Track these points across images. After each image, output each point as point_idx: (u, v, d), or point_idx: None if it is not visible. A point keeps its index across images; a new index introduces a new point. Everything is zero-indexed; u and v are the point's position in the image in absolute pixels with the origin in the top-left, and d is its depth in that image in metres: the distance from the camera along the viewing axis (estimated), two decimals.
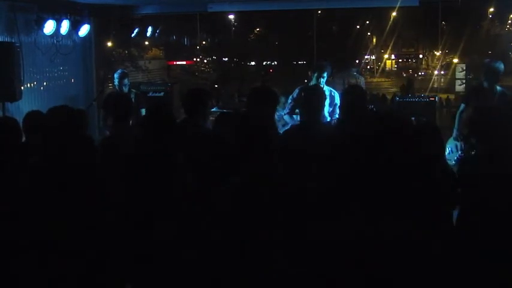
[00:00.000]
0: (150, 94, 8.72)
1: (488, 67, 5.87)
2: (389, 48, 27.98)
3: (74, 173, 2.98)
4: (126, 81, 7.18)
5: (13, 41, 6.69)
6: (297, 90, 5.63)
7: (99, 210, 2.89)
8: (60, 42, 7.89)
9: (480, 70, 6.11)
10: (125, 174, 2.98)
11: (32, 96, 7.33)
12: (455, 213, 3.08)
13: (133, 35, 9.67)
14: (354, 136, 3.12)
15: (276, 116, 6.44)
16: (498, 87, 5.84)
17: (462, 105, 6.27)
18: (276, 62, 26.14)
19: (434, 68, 25.39)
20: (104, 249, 2.85)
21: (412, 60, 33.91)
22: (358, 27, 24.77)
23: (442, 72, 22.04)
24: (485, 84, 5.87)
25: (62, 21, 7.55)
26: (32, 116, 4.03)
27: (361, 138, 3.05)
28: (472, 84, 8.41)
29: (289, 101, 6.06)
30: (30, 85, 7.42)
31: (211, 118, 4.31)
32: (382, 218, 2.64)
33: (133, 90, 7.46)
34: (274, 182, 2.61)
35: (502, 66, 5.83)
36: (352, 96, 4.25)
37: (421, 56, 33.23)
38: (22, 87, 6.59)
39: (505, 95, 5.85)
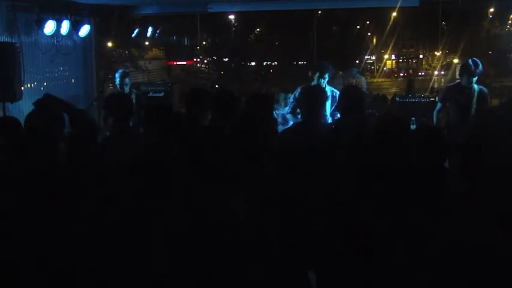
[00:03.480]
0: (151, 94, 8.74)
1: (466, 66, 6.00)
2: (390, 48, 27.99)
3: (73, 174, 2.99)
4: (127, 80, 7.21)
5: (13, 41, 6.68)
6: (298, 90, 5.63)
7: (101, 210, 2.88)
8: (61, 43, 7.89)
9: (459, 69, 6.27)
10: (129, 172, 2.98)
11: (33, 97, 7.27)
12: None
13: (133, 35, 9.67)
14: (351, 137, 3.13)
15: (274, 114, 6.48)
16: (476, 86, 5.97)
17: (439, 104, 6.35)
18: (276, 62, 26.15)
19: (435, 68, 25.40)
20: (104, 249, 2.84)
21: (412, 60, 33.95)
22: (358, 27, 24.81)
23: (443, 73, 22.04)
24: (463, 82, 6.01)
25: (62, 22, 7.55)
26: (33, 116, 4.02)
27: (357, 139, 3.06)
28: (448, 83, 8.59)
29: (291, 99, 6.06)
30: (31, 85, 7.41)
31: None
32: (378, 219, 2.64)
33: (134, 91, 7.48)
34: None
35: (480, 66, 5.95)
36: (349, 97, 4.25)
37: (421, 56, 33.27)
38: (22, 88, 6.58)
39: (483, 93, 6.00)
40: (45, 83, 7.87)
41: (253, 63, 26.11)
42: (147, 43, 17.69)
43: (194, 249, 2.58)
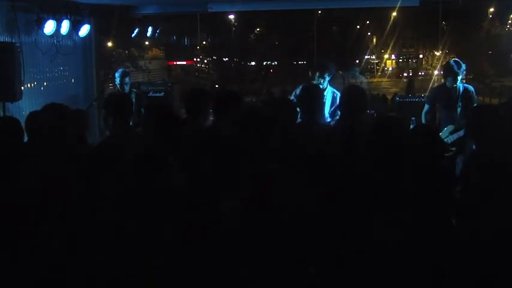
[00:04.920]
0: (151, 94, 8.73)
1: (448, 67, 6.10)
2: (390, 48, 28.01)
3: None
4: (127, 79, 7.22)
5: (13, 41, 6.68)
6: (299, 88, 5.62)
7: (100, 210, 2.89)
8: (61, 43, 7.88)
9: (443, 71, 6.38)
10: (126, 175, 2.97)
11: (33, 97, 7.32)
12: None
13: (133, 35, 9.66)
14: (351, 137, 3.13)
15: None
16: (460, 85, 6.05)
17: (426, 106, 6.42)
18: (276, 62, 26.16)
19: (435, 68, 25.41)
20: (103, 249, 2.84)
21: (412, 60, 33.98)
22: (358, 27, 24.81)
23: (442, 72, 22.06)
24: (448, 83, 6.09)
25: (62, 21, 7.55)
26: (34, 116, 4.02)
27: (357, 139, 3.06)
28: (436, 85, 8.71)
29: (292, 97, 6.04)
30: (31, 85, 7.41)
31: (211, 118, 4.33)
32: (376, 221, 2.65)
33: (134, 90, 7.48)
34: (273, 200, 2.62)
35: (462, 66, 6.04)
36: (351, 97, 4.25)
37: (421, 56, 33.29)
38: (22, 88, 6.58)
39: (468, 91, 6.08)
40: (45, 83, 7.86)
41: (253, 63, 26.12)
42: (147, 43, 17.69)
43: (195, 248, 2.59)
